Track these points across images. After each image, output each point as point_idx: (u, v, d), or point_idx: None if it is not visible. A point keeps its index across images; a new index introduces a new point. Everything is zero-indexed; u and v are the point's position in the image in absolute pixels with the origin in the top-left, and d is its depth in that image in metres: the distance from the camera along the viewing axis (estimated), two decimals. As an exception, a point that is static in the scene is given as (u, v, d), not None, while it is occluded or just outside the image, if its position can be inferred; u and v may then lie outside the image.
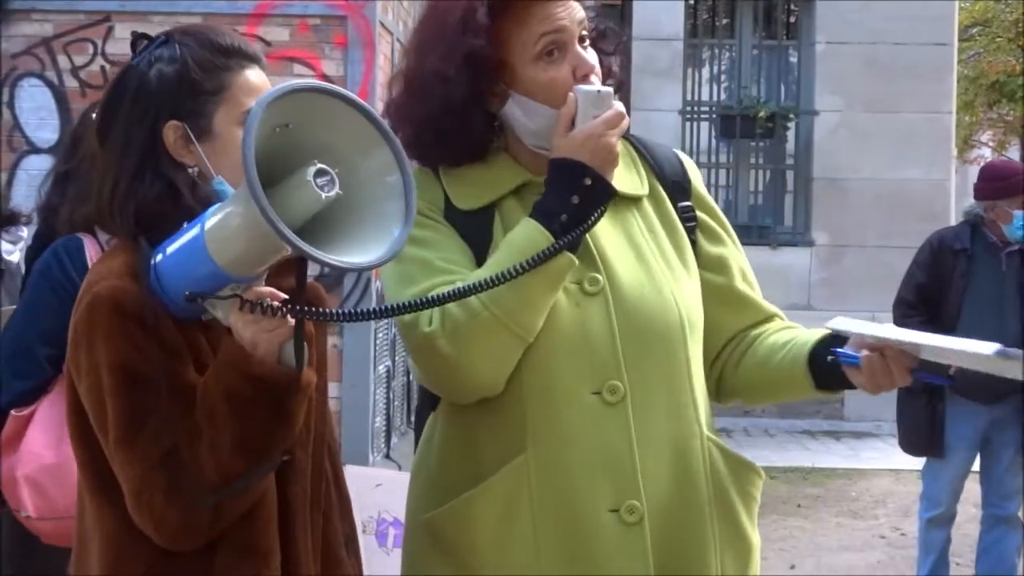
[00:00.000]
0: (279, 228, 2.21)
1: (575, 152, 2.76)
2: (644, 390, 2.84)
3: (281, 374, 2.44)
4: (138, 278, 2.50)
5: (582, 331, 2.82)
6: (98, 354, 2.50)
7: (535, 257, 2.67)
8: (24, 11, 9.03)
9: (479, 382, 2.80)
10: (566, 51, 2.85)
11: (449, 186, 2.92)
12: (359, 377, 8.95)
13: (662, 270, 2.91)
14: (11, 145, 9.03)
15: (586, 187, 2.75)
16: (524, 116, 2.88)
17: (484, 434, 2.87)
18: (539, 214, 2.76)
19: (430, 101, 2.88)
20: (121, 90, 2.67)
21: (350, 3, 8.91)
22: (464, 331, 2.71)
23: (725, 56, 15.40)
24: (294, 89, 2.34)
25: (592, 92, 2.79)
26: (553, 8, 2.85)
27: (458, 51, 2.85)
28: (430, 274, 2.78)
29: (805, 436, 13.70)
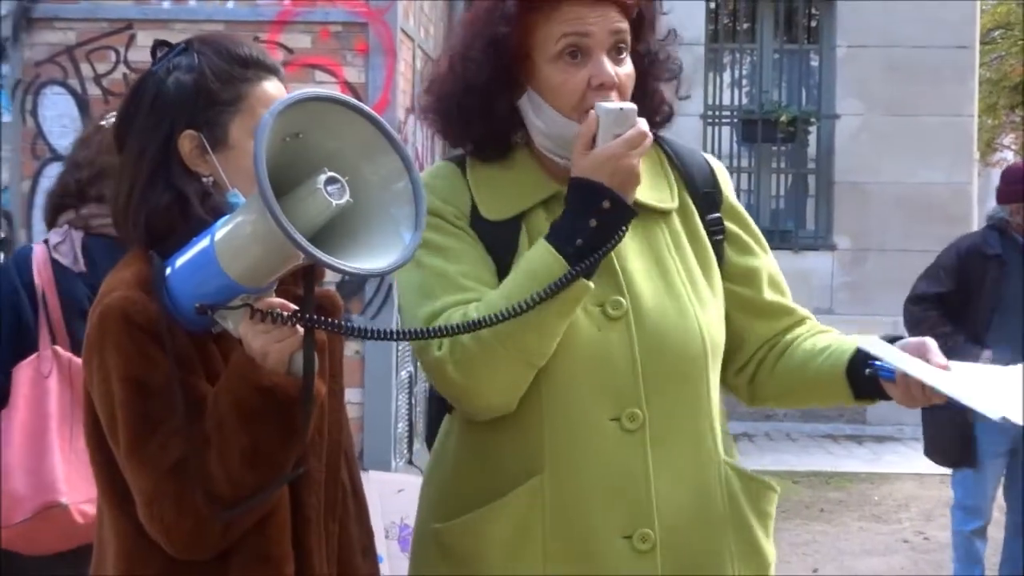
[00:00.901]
0: (293, 236, 2.22)
1: (594, 172, 2.69)
2: (663, 417, 2.82)
3: (290, 385, 2.44)
4: (149, 289, 2.50)
5: (603, 357, 2.80)
6: (109, 365, 2.51)
7: (549, 288, 2.64)
8: (47, 19, 9.06)
9: (489, 405, 2.80)
10: (588, 57, 2.80)
11: (477, 193, 2.89)
12: (381, 383, 8.95)
13: (688, 292, 2.87)
14: (34, 153, 9.06)
15: (605, 210, 2.69)
16: (534, 114, 2.86)
17: (502, 450, 2.85)
18: (554, 237, 2.71)
19: (457, 79, 2.88)
20: (139, 97, 2.67)
21: (371, 10, 8.92)
22: (472, 359, 2.69)
23: (746, 60, 15.39)
24: (302, 99, 2.34)
25: (614, 110, 2.71)
26: (583, 11, 2.80)
27: (485, 35, 2.85)
28: (448, 290, 2.77)
29: (827, 440, 13.67)
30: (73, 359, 4.08)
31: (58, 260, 4.16)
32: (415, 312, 2.79)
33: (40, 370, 4.12)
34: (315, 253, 2.25)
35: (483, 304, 2.71)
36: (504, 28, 2.82)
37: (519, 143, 2.93)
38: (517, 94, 2.87)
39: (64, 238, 4.19)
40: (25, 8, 8.99)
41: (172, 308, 2.47)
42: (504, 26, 2.82)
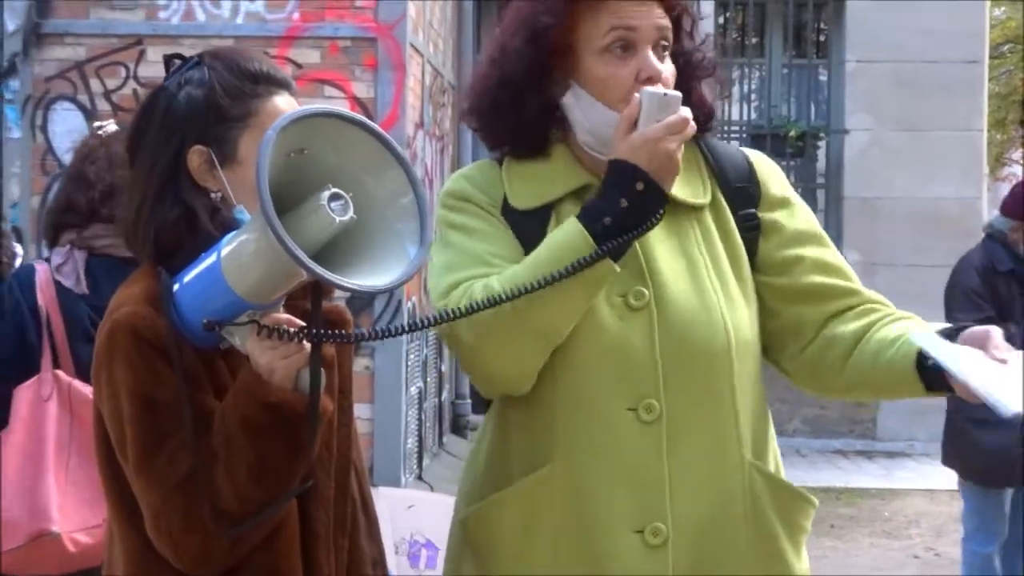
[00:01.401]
0: (295, 253, 2.21)
1: (632, 155, 2.69)
2: (682, 411, 2.79)
3: (297, 401, 2.44)
4: (157, 304, 2.50)
5: (622, 346, 2.78)
6: (117, 380, 2.51)
7: (574, 264, 2.63)
8: (57, 35, 9.09)
9: (499, 374, 2.79)
10: (635, 51, 2.81)
11: (509, 183, 2.90)
12: (391, 399, 8.96)
13: (715, 288, 2.85)
14: (44, 168, 9.08)
15: (638, 192, 2.68)
16: (579, 110, 2.86)
17: (516, 438, 2.85)
18: (584, 213, 2.71)
19: (494, 71, 2.90)
20: (150, 111, 2.67)
21: (380, 25, 8.94)
22: (485, 321, 2.66)
23: (755, 75, 15.38)
24: (306, 115, 2.34)
25: (658, 95, 2.72)
26: (630, 5, 2.81)
27: (527, 26, 2.85)
28: (473, 264, 2.77)
29: (837, 456, 13.65)
30: (74, 383, 4.05)
31: (60, 281, 4.13)
32: (438, 284, 2.79)
33: (40, 393, 4.09)
34: (317, 270, 2.24)
35: (505, 276, 2.70)
36: (549, 20, 2.83)
37: (555, 140, 2.92)
38: (559, 90, 2.87)
39: (66, 259, 4.14)
40: (35, 24, 9.02)
41: (180, 324, 2.48)
42: (549, 18, 2.83)
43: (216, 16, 9.04)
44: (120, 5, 9.05)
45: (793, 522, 2.94)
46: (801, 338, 2.96)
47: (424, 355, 10.41)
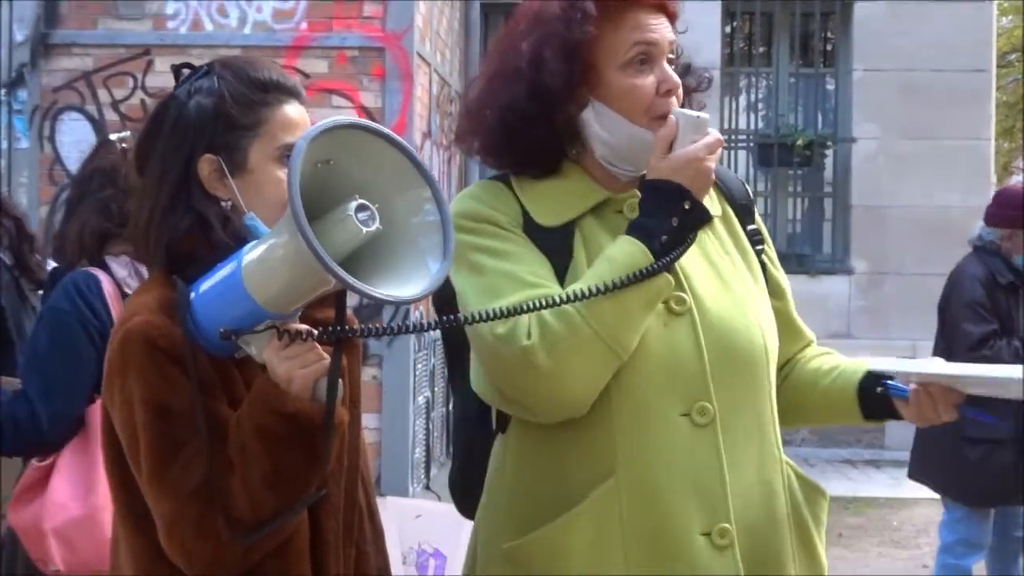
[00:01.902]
0: (326, 262, 2.22)
1: (676, 174, 2.75)
2: (732, 412, 2.82)
3: (314, 411, 2.44)
4: (171, 313, 2.50)
5: (671, 351, 2.80)
6: (131, 389, 2.51)
7: (637, 273, 2.68)
8: (65, 46, 9.11)
9: (574, 397, 2.77)
10: (654, 64, 2.85)
11: (527, 201, 2.90)
12: (399, 408, 8.96)
13: (744, 291, 2.91)
14: (52, 178, 9.09)
15: (685, 210, 2.74)
16: (599, 125, 2.87)
17: (570, 458, 2.83)
18: (639, 233, 2.75)
19: (521, 84, 2.87)
20: (160, 120, 2.68)
21: (388, 34, 8.95)
22: (565, 345, 2.68)
23: (762, 84, 15.38)
24: (335, 126, 2.35)
25: (692, 116, 2.79)
26: (649, 19, 2.86)
27: (558, 39, 2.85)
28: (519, 287, 2.75)
29: (846, 465, 13.63)
30: None
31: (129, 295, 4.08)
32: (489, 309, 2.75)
33: None
34: (348, 280, 2.24)
35: (568, 291, 2.71)
36: (584, 32, 2.84)
37: (572, 157, 2.93)
38: (577, 108, 2.87)
39: (130, 271, 4.10)
40: (43, 34, 9.04)
41: (195, 333, 2.47)
42: (585, 29, 2.84)
43: (224, 26, 9.05)
44: (128, 15, 9.07)
45: (818, 516, 3.01)
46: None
47: (432, 365, 10.41)
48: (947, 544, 7.45)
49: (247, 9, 9.07)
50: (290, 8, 9.06)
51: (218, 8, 9.04)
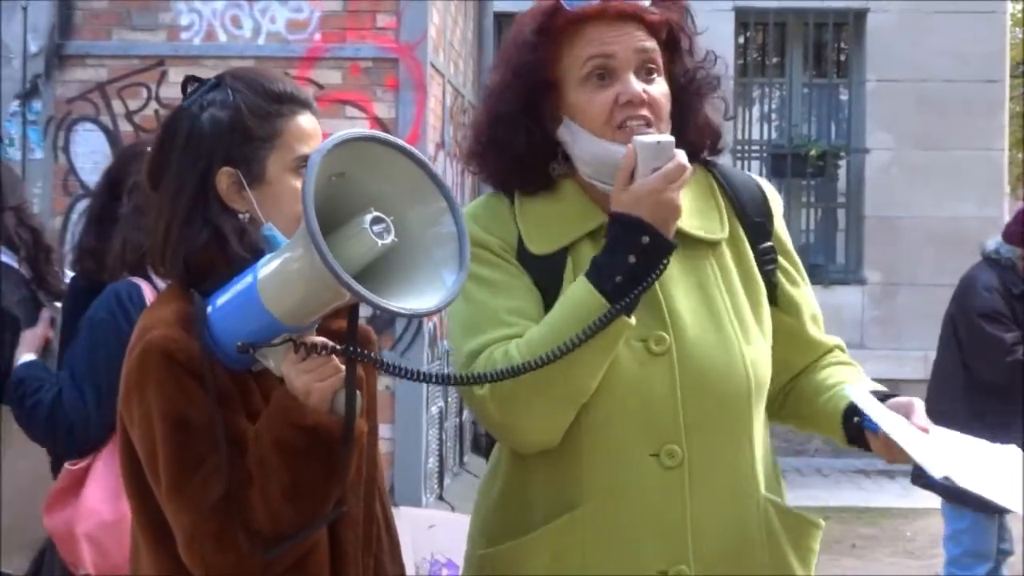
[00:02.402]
0: (341, 276, 2.22)
1: (634, 207, 2.68)
2: (703, 455, 2.80)
3: (333, 424, 2.44)
4: (189, 327, 2.50)
5: (644, 393, 2.77)
6: (150, 403, 2.51)
7: (589, 328, 2.62)
8: (79, 56, 9.12)
9: (532, 441, 2.80)
10: (615, 77, 2.80)
11: (523, 225, 2.88)
12: (412, 418, 8.95)
13: (734, 328, 2.84)
14: (66, 189, 9.10)
15: (644, 245, 2.67)
16: (573, 142, 2.85)
17: (541, 483, 2.85)
18: (594, 273, 2.70)
19: (486, 112, 2.92)
20: (173, 133, 2.67)
21: (401, 45, 8.96)
22: (514, 397, 2.68)
23: (775, 95, 15.38)
24: (350, 138, 2.35)
25: (651, 143, 2.69)
26: (605, 32, 2.81)
27: (511, 66, 2.87)
28: (492, 326, 2.76)
29: (859, 475, 13.61)
30: None
31: None
32: (460, 347, 2.79)
33: None
34: (363, 293, 2.24)
35: (523, 342, 2.71)
36: (528, 56, 2.84)
37: (564, 175, 2.91)
38: (553, 126, 2.86)
39: None
40: (57, 45, 9.06)
41: (213, 346, 2.47)
42: (528, 54, 2.84)
43: (237, 37, 9.06)
44: (142, 26, 9.08)
45: (805, 547, 2.96)
46: (775, 383, 3.00)
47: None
48: (953, 557, 7.43)
49: (261, 20, 9.08)
50: (304, 19, 9.07)
51: (232, 19, 9.05)
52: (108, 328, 4.08)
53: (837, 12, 14.68)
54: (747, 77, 15.17)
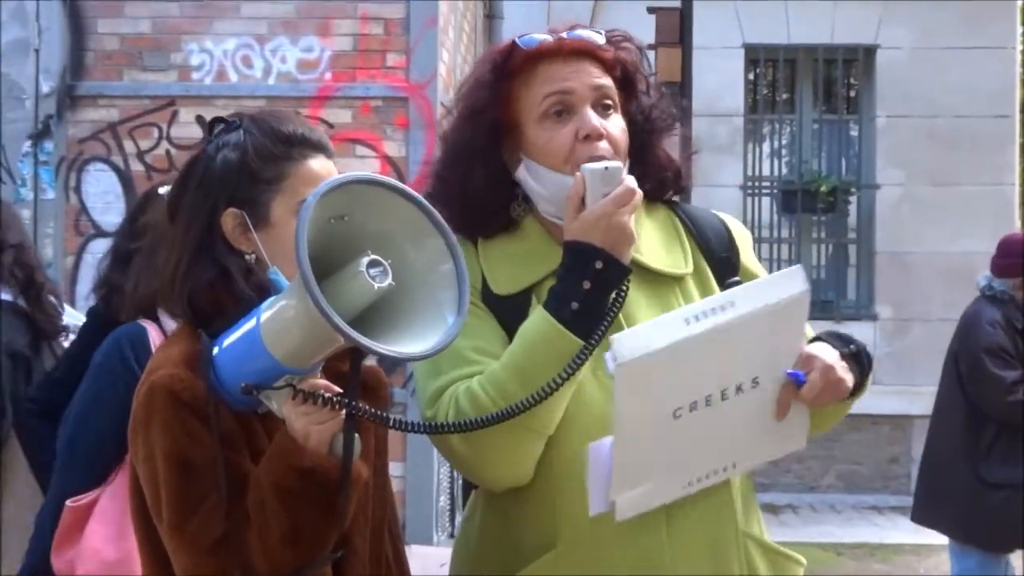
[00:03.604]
0: (333, 320, 2.22)
1: (586, 234, 2.68)
2: None
3: (331, 467, 2.44)
4: (195, 367, 2.51)
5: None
6: (154, 442, 2.52)
7: (567, 369, 2.62)
8: (91, 97, 9.16)
9: (499, 477, 2.78)
10: (573, 113, 2.81)
11: (487, 268, 2.89)
12: (423, 457, 8.94)
13: None
14: (78, 229, 9.13)
15: (598, 270, 2.67)
16: (533, 181, 2.86)
17: (518, 522, 2.84)
18: (550, 301, 2.70)
19: (442, 156, 2.93)
20: (190, 173, 2.70)
21: (412, 84, 8.99)
22: (478, 433, 2.65)
23: (786, 131, 15.40)
24: (345, 182, 2.35)
25: (599, 169, 2.70)
26: (560, 69, 2.83)
27: (465, 107, 2.88)
28: (455, 364, 2.75)
29: (872, 512, 13.57)
30: None
31: None
32: (425, 388, 2.80)
33: None
34: (356, 337, 2.25)
35: (487, 379, 2.70)
36: (482, 95, 2.86)
37: (524, 214, 2.92)
38: (513, 166, 2.87)
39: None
40: (69, 86, 9.09)
41: (219, 387, 2.48)
42: (481, 93, 2.86)
43: (248, 76, 9.09)
44: (153, 66, 9.12)
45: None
46: None
47: (456, 413, 10.40)
48: None
49: (271, 60, 9.11)
50: (314, 58, 9.11)
51: (243, 59, 9.09)
52: (105, 373, 4.11)
53: (847, 48, 14.70)
54: (757, 114, 15.19)
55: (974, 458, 7.14)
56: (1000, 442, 7.11)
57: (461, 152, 2.88)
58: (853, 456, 14.10)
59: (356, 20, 9.09)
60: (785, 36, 14.59)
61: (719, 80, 14.21)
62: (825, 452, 14.02)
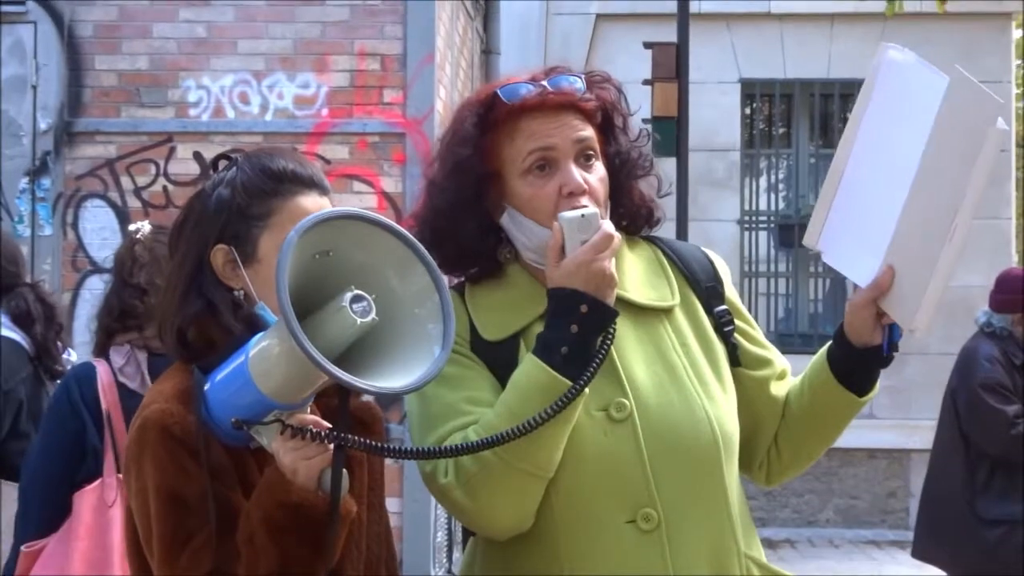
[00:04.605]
0: (315, 358, 2.23)
1: (568, 281, 2.70)
2: (679, 514, 2.79)
3: (319, 502, 2.44)
4: (187, 402, 2.52)
5: (611, 460, 2.78)
6: (146, 476, 2.54)
7: (553, 406, 2.63)
8: (88, 133, 9.17)
9: (502, 525, 2.78)
10: (556, 167, 2.83)
11: (475, 314, 2.90)
12: (420, 492, 8.92)
13: (694, 387, 2.85)
14: (75, 265, 9.13)
15: (583, 314, 2.69)
16: (517, 231, 2.87)
17: (522, 565, 2.83)
18: (540, 347, 2.72)
19: (427, 205, 2.93)
20: (189, 210, 2.73)
21: (408, 120, 9.00)
22: (478, 481, 2.68)
23: (782, 165, 15.43)
24: (327, 217, 2.37)
25: (575, 217, 2.73)
26: (544, 124, 2.84)
27: (449, 159, 2.89)
28: (449, 417, 2.76)
29: (870, 546, 13.54)
30: None
31: (124, 383, 4.12)
32: (419, 441, 2.80)
33: (104, 498, 4.05)
34: (338, 374, 2.26)
35: (481, 426, 2.71)
36: (465, 151, 2.86)
37: (509, 259, 2.94)
38: (497, 214, 2.89)
39: (127, 359, 4.13)
40: (67, 123, 9.11)
41: (211, 422, 2.49)
42: (465, 148, 2.86)
43: (245, 113, 9.11)
44: (150, 103, 9.13)
45: None
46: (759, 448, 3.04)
47: (454, 448, 10.38)
48: None
49: (268, 96, 9.13)
50: (311, 95, 9.12)
51: (240, 95, 9.10)
52: (55, 415, 4.18)
53: (843, 83, 14.72)
54: (754, 148, 15.22)
55: (971, 494, 7.14)
56: (997, 478, 7.11)
57: (451, 205, 2.89)
58: (851, 490, 14.09)
59: (353, 56, 9.11)
60: (781, 71, 14.64)
61: (716, 115, 14.24)
62: (823, 486, 14.01)
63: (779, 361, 3.08)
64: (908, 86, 2.84)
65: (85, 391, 4.10)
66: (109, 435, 4.08)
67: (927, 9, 11.69)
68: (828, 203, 2.95)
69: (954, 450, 7.28)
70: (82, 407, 4.07)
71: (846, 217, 2.92)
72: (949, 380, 7.51)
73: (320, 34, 9.12)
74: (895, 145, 2.83)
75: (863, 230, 2.88)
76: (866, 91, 2.90)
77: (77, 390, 4.11)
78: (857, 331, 2.92)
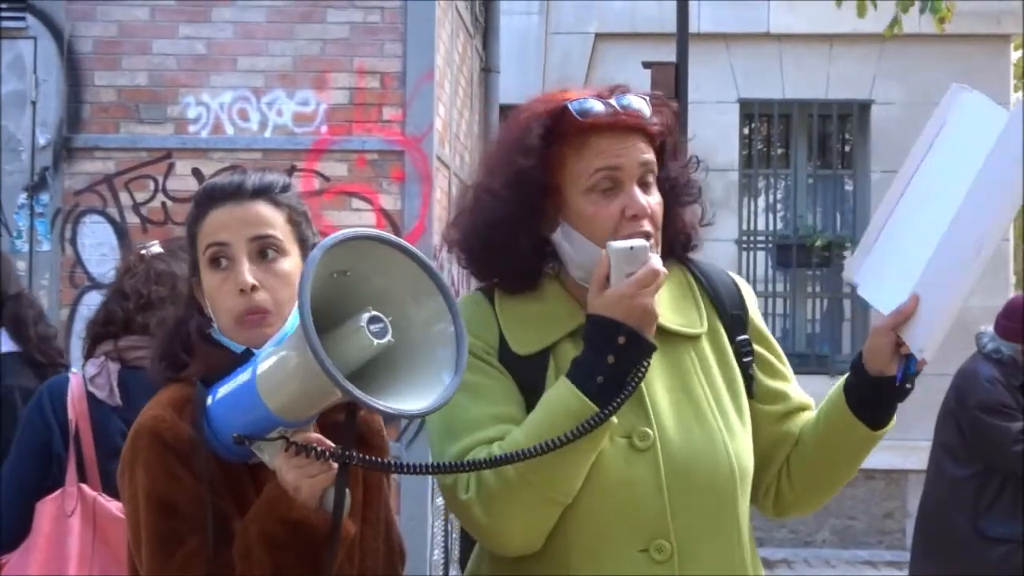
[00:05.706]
0: (334, 376, 2.23)
1: (609, 311, 2.69)
2: (693, 546, 2.79)
3: (320, 520, 2.44)
4: (182, 410, 2.53)
5: (629, 488, 2.78)
6: (137, 482, 2.56)
7: (578, 429, 2.62)
8: (87, 149, 9.16)
9: (514, 545, 2.78)
10: (620, 188, 2.81)
11: (505, 327, 2.88)
12: (417, 510, 8.92)
13: (716, 419, 2.85)
14: (73, 281, 9.12)
15: (621, 346, 2.68)
16: (569, 246, 2.86)
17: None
18: (575, 373, 2.70)
19: (481, 214, 2.89)
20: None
21: (407, 138, 9.00)
22: (499, 500, 2.68)
23: (781, 185, 15.43)
24: (352, 237, 2.37)
25: (624, 249, 2.71)
26: (613, 144, 2.82)
27: (509, 169, 2.86)
28: (472, 430, 2.75)
29: (867, 567, 13.53)
30: (99, 498, 3.99)
31: (94, 393, 4.11)
32: (441, 452, 2.79)
33: (63, 508, 4.03)
34: (356, 394, 2.26)
35: (506, 444, 2.70)
36: (528, 162, 2.83)
37: (549, 274, 2.92)
38: (548, 227, 2.87)
39: (100, 370, 4.12)
40: (66, 139, 9.10)
41: (212, 436, 2.49)
42: (529, 159, 2.83)
43: (244, 130, 9.10)
44: (150, 119, 9.13)
45: None
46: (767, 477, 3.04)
47: (451, 466, 10.36)
48: None
49: (268, 113, 9.12)
50: (310, 112, 9.11)
51: (239, 112, 9.10)
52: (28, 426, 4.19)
53: (841, 104, 14.75)
54: (752, 168, 15.22)
55: (975, 513, 7.14)
56: (1003, 498, 7.11)
57: (509, 218, 2.86)
58: (848, 511, 14.07)
59: (352, 74, 9.10)
60: (780, 91, 14.65)
61: (714, 135, 14.24)
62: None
63: (796, 395, 3.07)
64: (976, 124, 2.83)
65: (56, 402, 4.10)
66: (74, 445, 4.06)
67: (926, 31, 11.68)
68: (874, 238, 2.93)
69: (956, 469, 7.28)
70: (52, 418, 4.07)
71: (888, 251, 2.92)
72: (945, 400, 7.50)
73: (320, 51, 9.12)
74: (949, 181, 2.82)
75: (901, 263, 2.88)
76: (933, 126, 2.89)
77: (49, 402, 4.11)
78: (875, 359, 2.90)
